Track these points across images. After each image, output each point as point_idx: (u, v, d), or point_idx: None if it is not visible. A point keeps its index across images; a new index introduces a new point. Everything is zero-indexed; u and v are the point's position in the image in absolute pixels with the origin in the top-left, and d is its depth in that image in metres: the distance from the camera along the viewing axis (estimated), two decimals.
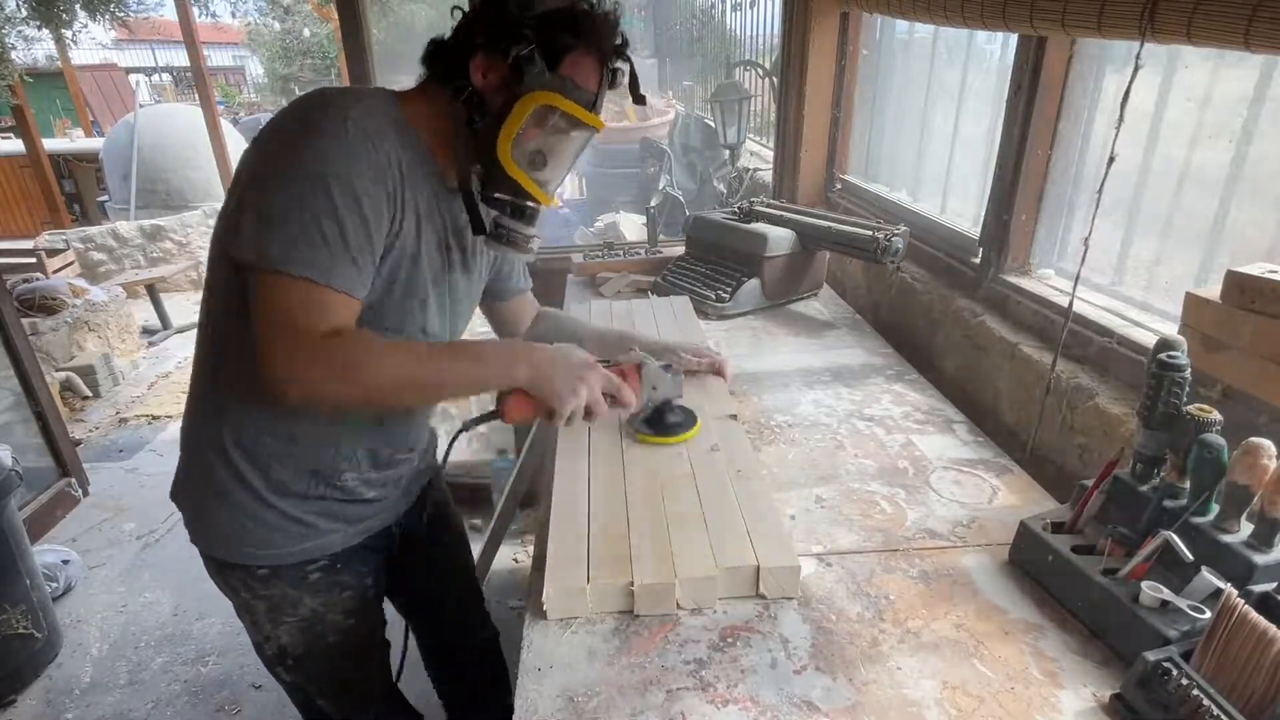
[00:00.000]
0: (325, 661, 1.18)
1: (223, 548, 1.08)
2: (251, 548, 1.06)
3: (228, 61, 16.91)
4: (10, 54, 5.29)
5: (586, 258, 2.32)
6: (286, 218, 0.84)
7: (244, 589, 1.10)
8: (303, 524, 1.07)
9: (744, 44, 4.77)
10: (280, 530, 1.06)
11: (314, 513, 1.07)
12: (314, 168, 0.85)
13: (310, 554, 1.09)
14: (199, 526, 1.08)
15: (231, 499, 1.03)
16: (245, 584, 1.10)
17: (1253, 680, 0.67)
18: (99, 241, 6.13)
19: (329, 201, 0.85)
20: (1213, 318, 0.98)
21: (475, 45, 0.94)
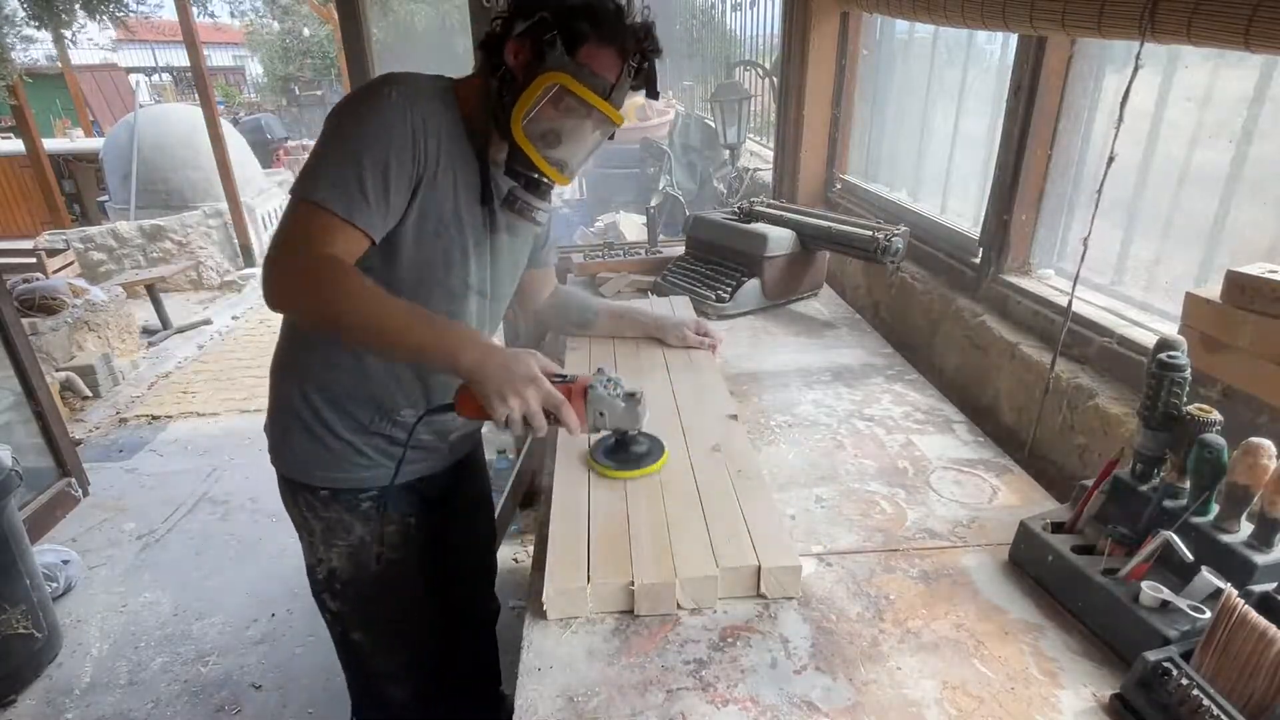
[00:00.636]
0: (366, 589, 1.30)
1: (296, 469, 1.24)
2: (320, 470, 1.22)
3: (228, 61, 16.91)
4: (10, 54, 5.29)
5: (587, 258, 2.32)
6: (326, 161, 1.00)
7: (307, 508, 1.25)
8: (362, 455, 1.21)
9: (744, 44, 4.77)
10: (344, 458, 1.21)
11: (372, 446, 1.22)
12: (353, 126, 1.01)
13: (364, 483, 1.23)
14: (280, 450, 1.24)
15: (307, 427, 1.19)
16: (309, 504, 1.25)
17: (1253, 680, 0.67)
18: (99, 241, 6.13)
19: (359, 152, 0.99)
20: (1213, 318, 0.98)
21: (510, 29, 1.06)
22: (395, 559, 1.30)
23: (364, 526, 1.26)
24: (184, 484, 3.34)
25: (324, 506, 1.24)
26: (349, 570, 1.28)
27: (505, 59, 1.06)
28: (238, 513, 3.11)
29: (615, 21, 1.06)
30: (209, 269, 6.38)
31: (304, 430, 1.20)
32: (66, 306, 4.24)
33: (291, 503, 1.28)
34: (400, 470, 1.16)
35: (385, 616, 1.35)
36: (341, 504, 1.24)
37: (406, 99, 1.02)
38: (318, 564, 1.29)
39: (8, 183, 7.84)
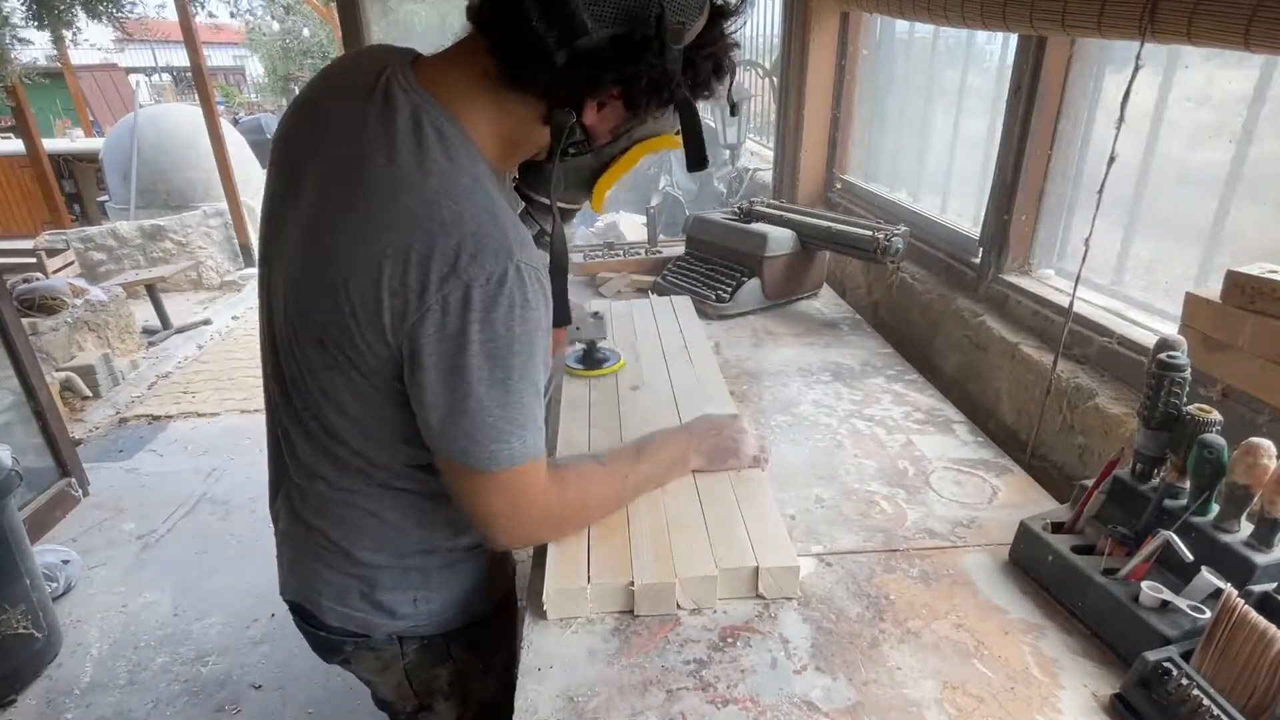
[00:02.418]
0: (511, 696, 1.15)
1: (459, 612, 1.02)
2: (485, 588, 1.04)
3: (228, 61, 16.91)
4: (10, 54, 5.29)
5: (587, 258, 2.32)
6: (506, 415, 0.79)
7: (466, 650, 1.06)
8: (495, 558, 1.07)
9: (744, 44, 4.76)
10: (498, 558, 1.08)
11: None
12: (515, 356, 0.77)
13: (511, 578, 1.14)
14: (426, 609, 0.98)
15: (455, 564, 0.99)
16: (471, 641, 1.06)
17: (1253, 680, 0.67)
18: (99, 241, 6.13)
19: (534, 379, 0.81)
20: (1213, 318, 0.98)
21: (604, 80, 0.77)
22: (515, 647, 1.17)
23: (511, 626, 1.13)
24: (184, 484, 3.34)
25: (485, 631, 1.07)
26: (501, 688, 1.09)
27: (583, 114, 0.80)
28: (238, 513, 3.11)
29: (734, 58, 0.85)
30: (209, 269, 6.38)
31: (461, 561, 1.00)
32: (66, 306, 4.24)
33: (436, 663, 1.04)
34: None
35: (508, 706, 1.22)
36: (501, 613, 1.09)
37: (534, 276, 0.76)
38: (465, 710, 1.10)
39: (8, 183, 7.84)
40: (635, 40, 0.74)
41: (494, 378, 0.76)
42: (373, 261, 0.74)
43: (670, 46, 0.75)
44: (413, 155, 0.75)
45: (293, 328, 0.84)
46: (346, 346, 0.79)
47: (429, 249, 0.72)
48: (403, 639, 0.99)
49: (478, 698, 1.11)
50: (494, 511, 0.84)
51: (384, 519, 0.92)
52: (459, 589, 1.00)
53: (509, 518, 0.86)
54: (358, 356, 0.79)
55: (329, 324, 0.79)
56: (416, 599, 0.97)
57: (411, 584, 0.96)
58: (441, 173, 0.75)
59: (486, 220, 0.75)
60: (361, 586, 0.95)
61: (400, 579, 0.95)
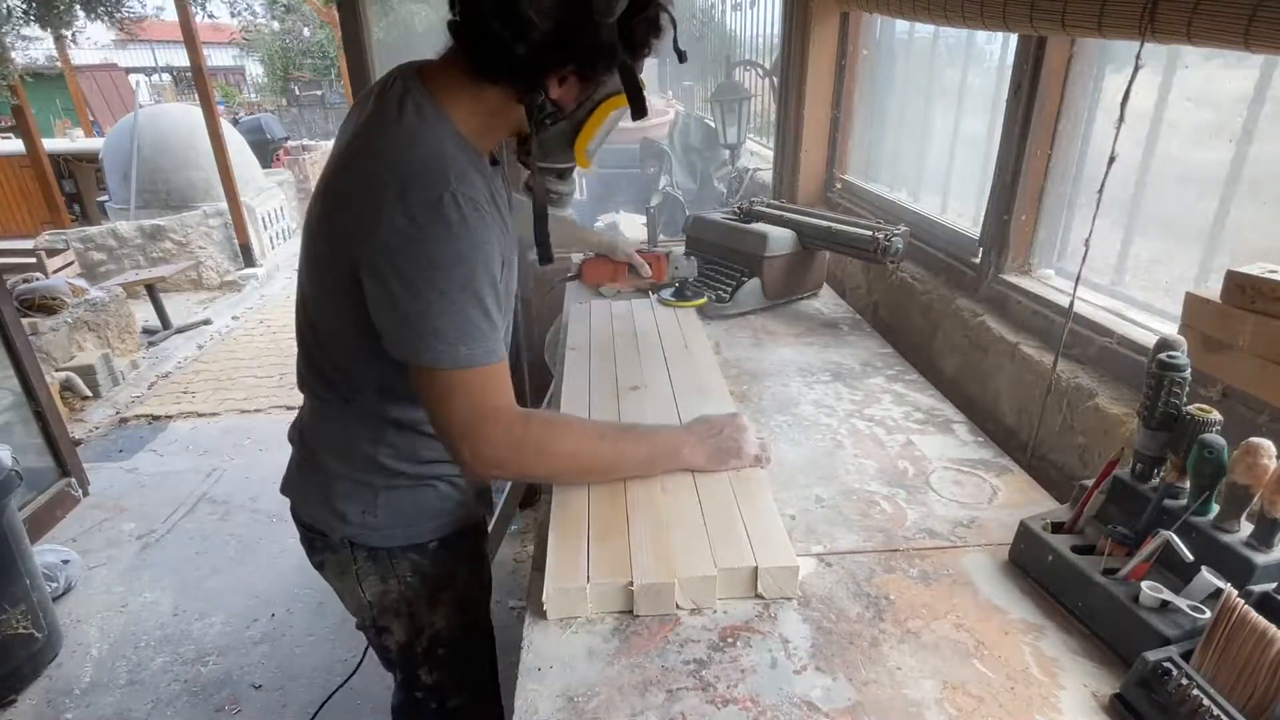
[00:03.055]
0: (469, 641, 1.28)
1: (401, 531, 1.14)
2: (431, 520, 1.15)
3: (228, 61, 16.91)
4: (10, 54, 5.29)
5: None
6: (448, 315, 0.90)
7: (411, 573, 1.17)
8: (460, 492, 1.17)
9: (744, 44, 4.76)
10: (448, 499, 1.16)
11: (465, 484, 1.18)
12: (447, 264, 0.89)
13: (463, 522, 1.20)
14: (371, 522, 1.12)
15: (402, 486, 1.11)
16: (414, 566, 1.17)
17: (1253, 680, 0.67)
18: (99, 241, 6.13)
19: (476, 291, 0.92)
20: (1213, 318, 0.98)
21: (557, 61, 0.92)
22: (486, 597, 1.30)
23: (466, 570, 1.23)
24: (184, 484, 3.34)
25: (431, 562, 1.17)
26: (455, 625, 1.23)
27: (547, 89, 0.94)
28: (238, 513, 3.11)
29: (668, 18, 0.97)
30: (209, 269, 6.39)
31: (406, 487, 1.12)
32: (66, 306, 4.24)
33: (384, 577, 1.16)
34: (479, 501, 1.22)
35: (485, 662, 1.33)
36: (449, 551, 1.19)
37: (471, 203, 0.90)
38: (417, 636, 1.21)
39: (8, 183, 7.83)
40: (573, 24, 0.89)
41: (433, 284, 0.89)
42: (347, 183, 0.94)
43: (603, 22, 0.89)
44: (394, 117, 0.94)
45: (305, 246, 1.04)
46: (328, 257, 0.96)
47: (382, 174, 0.90)
48: (353, 544, 1.14)
49: (425, 627, 1.22)
50: (452, 415, 0.94)
51: (348, 433, 1.09)
52: (401, 512, 1.12)
53: (463, 424, 0.94)
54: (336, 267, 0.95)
55: (318, 237, 0.99)
56: (365, 510, 1.11)
57: (362, 498, 1.10)
58: (410, 126, 0.93)
59: (431, 158, 0.91)
60: (323, 492, 1.12)
61: (353, 490, 1.10)
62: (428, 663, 1.24)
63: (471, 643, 1.29)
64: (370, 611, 1.20)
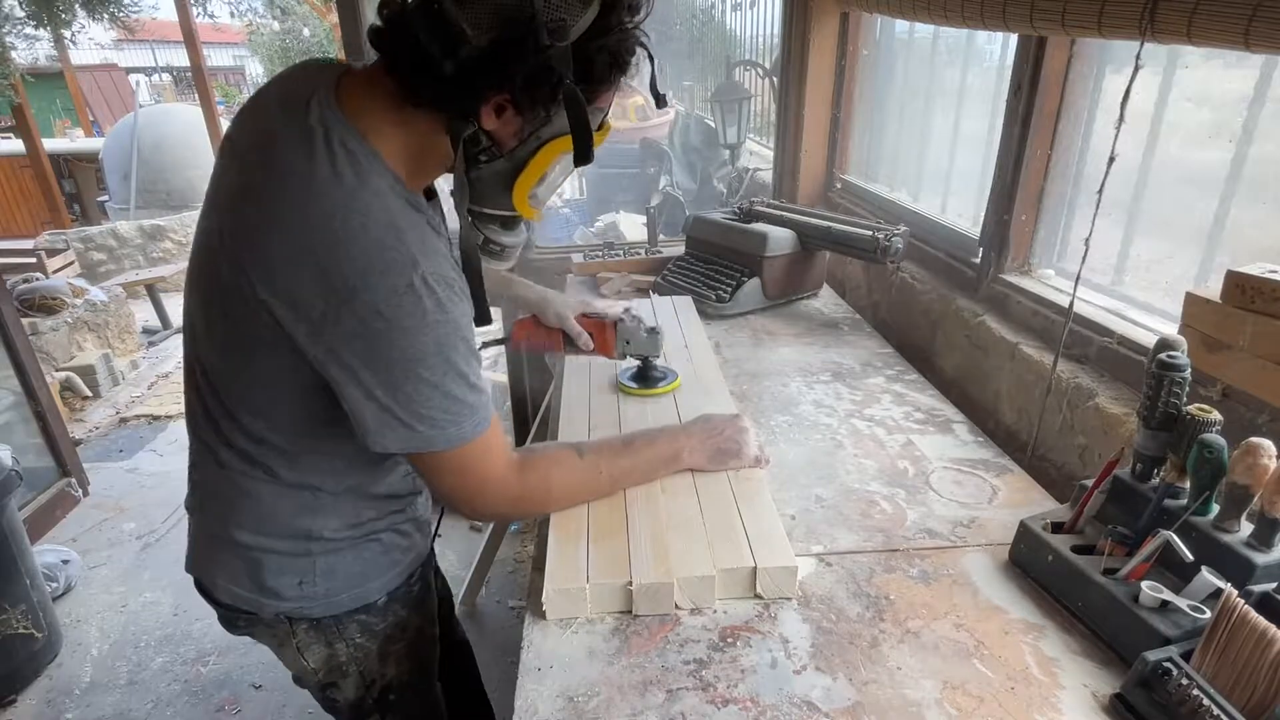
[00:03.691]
0: (422, 681, 1.20)
1: (346, 597, 1.02)
2: (378, 578, 1.05)
3: (228, 61, 16.90)
4: (10, 53, 5.29)
5: (586, 258, 2.31)
6: (436, 406, 0.82)
7: (359, 633, 1.06)
8: (404, 536, 1.08)
9: (744, 44, 4.76)
10: (394, 548, 1.06)
11: (407, 524, 1.08)
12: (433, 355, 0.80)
13: (412, 566, 1.10)
14: (310, 592, 1.00)
15: (343, 548, 1.00)
16: (363, 628, 1.06)
17: (1253, 680, 0.67)
18: (99, 241, 6.13)
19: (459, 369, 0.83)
20: (1213, 318, 0.98)
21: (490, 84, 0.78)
22: (437, 632, 1.21)
23: (416, 613, 1.13)
24: (184, 484, 3.33)
25: (381, 618, 1.07)
26: (407, 670, 1.14)
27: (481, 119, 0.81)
28: None
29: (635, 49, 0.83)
30: None
31: (347, 548, 1.01)
32: (66, 306, 4.24)
33: (329, 643, 1.05)
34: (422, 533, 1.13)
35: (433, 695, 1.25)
36: (399, 601, 1.09)
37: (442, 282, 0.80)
38: (368, 690, 1.12)
39: (8, 183, 7.83)
40: (513, 42, 0.74)
41: (414, 376, 0.80)
42: (283, 264, 0.77)
43: (552, 44, 0.75)
44: (326, 174, 0.78)
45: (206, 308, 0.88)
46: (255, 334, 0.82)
47: (335, 261, 0.76)
48: (291, 619, 1.02)
49: (377, 679, 1.12)
50: (447, 489, 0.91)
51: (274, 508, 0.95)
52: (345, 575, 1.01)
53: (463, 493, 0.91)
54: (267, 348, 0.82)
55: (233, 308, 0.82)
56: (302, 582, 0.99)
57: (297, 569, 0.98)
58: (349, 188, 0.78)
59: (387, 234, 0.78)
60: (249, 569, 0.98)
61: (285, 563, 0.98)
62: (378, 711, 1.15)
63: (423, 681, 1.21)
64: (315, 676, 1.09)
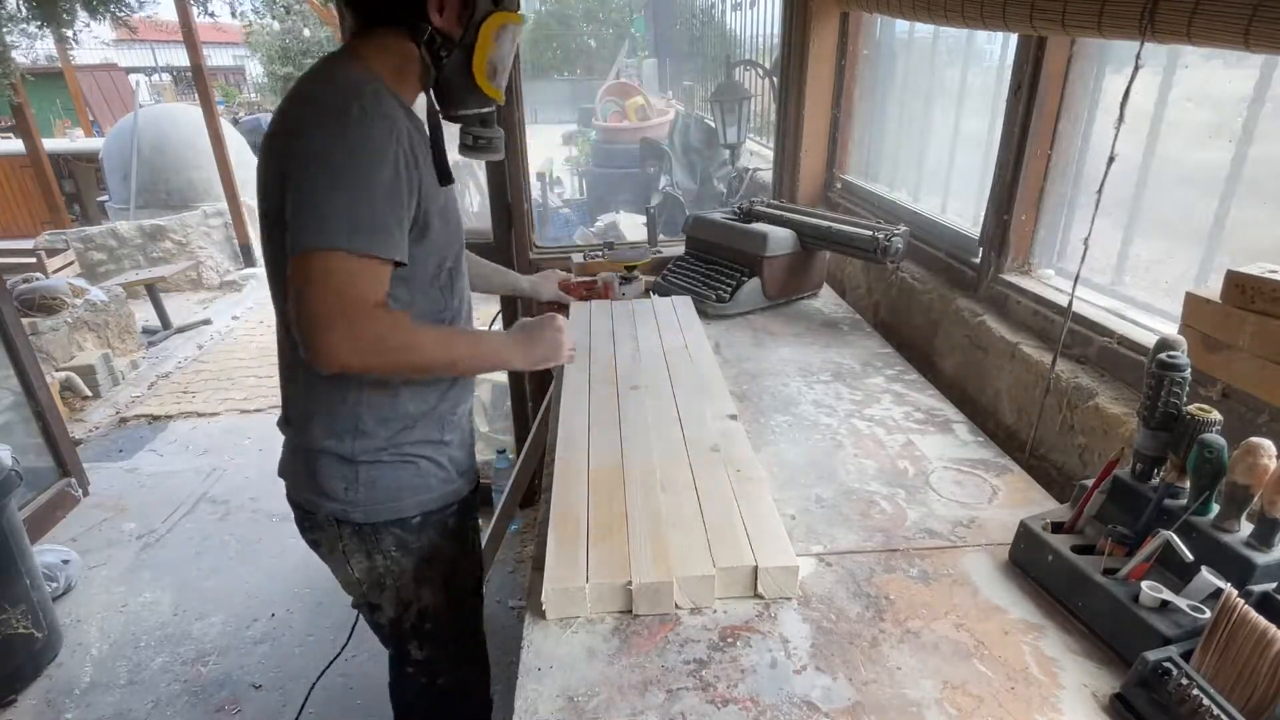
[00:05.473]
0: (458, 617, 1.31)
1: (383, 507, 1.17)
2: (412, 496, 1.18)
3: (228, 61, 16.90)
4: (11, 53, 5.29)
5: (587, 258, 2.32)
6: (335, 201, 0.93)
7: (396, 547, 1.20)
8: (443, 469, 1.21)
9: (744, 44, 4.77)
10: (430, 475, 1.19)
11: (447, 459, 1.22)
12: (344, 156, 0.94)
13: (449, 498, 1.24)
14: (353, 498, 1.15)
15: (385, 460, 1.15)
16: (399, 541, 1.20)
17: (1253, 680, 0.67)
18: (99, 241, 6.12)
19: (365, 181, 0.95)
20: (1213, 318, 0.98)
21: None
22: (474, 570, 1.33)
23: (452, 544, 1.25)
24: (184, 484, 3.34)
25: (416, 537, 1.20)
26: (441, 601, 1.26)
27: (430, 19, 1.02)
28: (238, 513, 3.11)
29: None
30: (209, 269, 6.38)
31: (389, 462, 1.15)
32: (66, 306, 4.24)
33: (372, 552, 1.20)
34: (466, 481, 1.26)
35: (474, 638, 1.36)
36: (433, 527, 1.22)
37: (376, 110, 0.97)
38: (405, 610, 1.25)
39: (8, 183, 7.83)
40: None
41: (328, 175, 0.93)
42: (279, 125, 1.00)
43: None
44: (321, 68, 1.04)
45: (263, 232, 1.05)
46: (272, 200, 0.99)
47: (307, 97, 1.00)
48: (339, 521, 1.17)
49: (413, 601, 1.25)
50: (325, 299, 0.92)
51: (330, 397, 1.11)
52: (383, 487, 1.15)
53: (338, 311, 0.92)
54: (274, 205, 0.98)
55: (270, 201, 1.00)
56: (347, 487, 1.14)
57: (344, 474, 1.14)
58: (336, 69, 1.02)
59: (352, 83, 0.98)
60: (308, 469, 1.15)
61: (335, 467, 1.13)
62: (416, 638, 1.28)
63: (460, 619, 1.32)
64: (360, 588, 1.23)
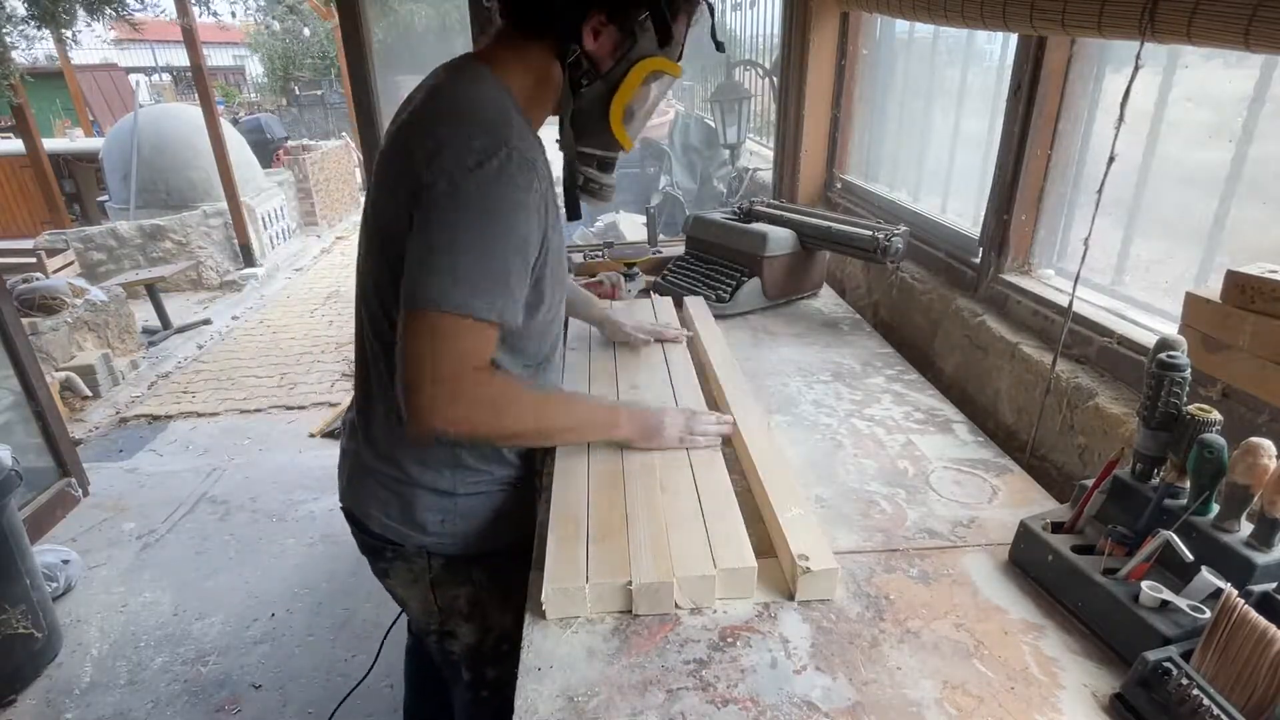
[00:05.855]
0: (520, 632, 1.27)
1: (478, 538, 1.14)
2: (505, 525, 1.16)
3: (228, 61, 16.91)
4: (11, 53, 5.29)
5: (587, 258, 2.32)
6: (467, 265, 0.88)
7: (488, 578, 1.17)
8: (523, 496, 1.19)
9: (744, 44, 4.76)
10: (520, 505, 1.17)
11: (526, 491, 1.19)
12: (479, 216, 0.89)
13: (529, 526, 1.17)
14: (450, 529, 1.12)
15: (480, 493, 1.13)
16: (492, 571, 1.17)
17: (1253, 680, 0.67)
18: (99, 241, 6.13)
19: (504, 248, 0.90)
20: (1213, 318, 0.98)
21: (590, 6, 0.94)
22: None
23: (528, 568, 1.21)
24: (184, 484, 3.34)
25: (506, 565, 1.16)
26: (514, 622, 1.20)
27: (583, 42, 0.95)
28: (238, 513, 3.11)
29: None
30: (209, 269, 6.38)
31: (486, 493, 1.13)
32: (66, 306, 4.24)
33: (460, 583, 1.16)
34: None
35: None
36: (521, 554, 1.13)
37: (522, 156, 0.90)
38: (485, 635, 1.21)
39: (8, 183, 7.83)
40: None
41: (465, 227, 0.88)
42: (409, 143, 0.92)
43: None
44: (455, 81, 0.97)
45: (365, 239, 1.02)
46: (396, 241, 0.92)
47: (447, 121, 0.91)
48: (430, 553, 1.14)
49: (495, 627, 1.22)
50: (438, 359, 0.89)
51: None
52: (479, 519, 1.13)
53: (447, 374, 0.89)
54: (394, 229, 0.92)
55: (385, 220, 0.96)
56: (444, 520, 1.11)
57: (441, 507, 1.11)
58: (472, 88, 0.95)
59: (498, 114, 0.92)
60: (399, 501, 1.10)
61: (431, 500, 1.10)
62: (494, 660, 1.24)
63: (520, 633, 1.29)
64: (437, 617, 1.20)
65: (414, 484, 1.09)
